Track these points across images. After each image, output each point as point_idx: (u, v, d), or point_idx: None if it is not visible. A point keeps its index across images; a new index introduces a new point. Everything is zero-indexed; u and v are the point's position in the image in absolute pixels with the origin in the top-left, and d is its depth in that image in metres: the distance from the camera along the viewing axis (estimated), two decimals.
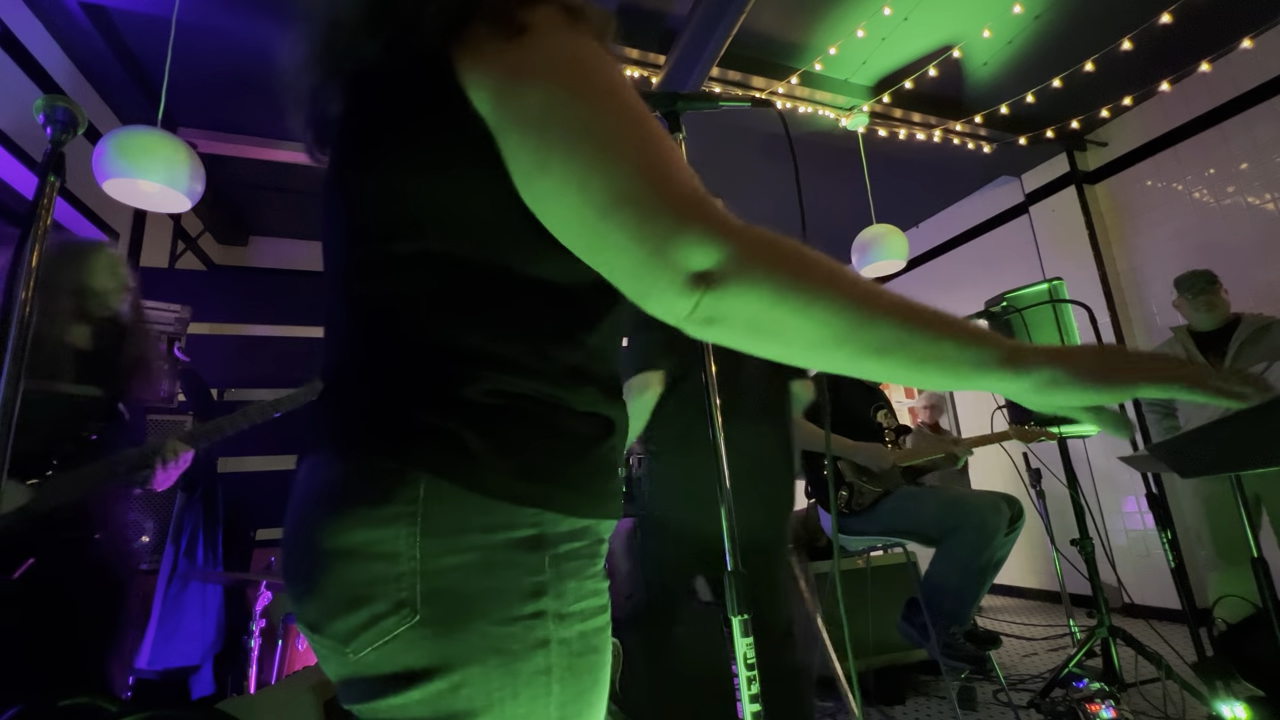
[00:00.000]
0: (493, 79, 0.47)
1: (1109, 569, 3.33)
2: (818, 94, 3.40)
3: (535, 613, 0.46)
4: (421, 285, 0.49)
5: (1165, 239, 3.71)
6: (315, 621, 0.46)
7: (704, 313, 0.45)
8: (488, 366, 0.48)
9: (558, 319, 0.52)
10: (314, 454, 0.51)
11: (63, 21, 2.64)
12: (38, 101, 0.88)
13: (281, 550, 0.50)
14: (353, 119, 0.54)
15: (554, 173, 0.46)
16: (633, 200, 0.44)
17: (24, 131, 2.52)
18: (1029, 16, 2.96)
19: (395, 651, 0.44)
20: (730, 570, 0.78)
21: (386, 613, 0.44)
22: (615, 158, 0.45)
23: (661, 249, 0.44)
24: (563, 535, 0.49)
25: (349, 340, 0.53)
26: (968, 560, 2.04)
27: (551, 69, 0.47)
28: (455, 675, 0.44)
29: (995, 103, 3.58)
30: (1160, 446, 1.43)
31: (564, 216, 0.47)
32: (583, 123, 0.45)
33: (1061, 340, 2.62)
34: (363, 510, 0.45)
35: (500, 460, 0.47)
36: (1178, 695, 2.15)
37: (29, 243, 0.84)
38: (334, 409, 0.52)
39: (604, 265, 0.48)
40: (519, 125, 0.46)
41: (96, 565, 1.43)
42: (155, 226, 3.60)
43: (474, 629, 0.44)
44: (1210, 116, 3.47)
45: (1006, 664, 2.91)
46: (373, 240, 0.51)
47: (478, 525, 0.45)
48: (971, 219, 4.88)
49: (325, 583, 0.45)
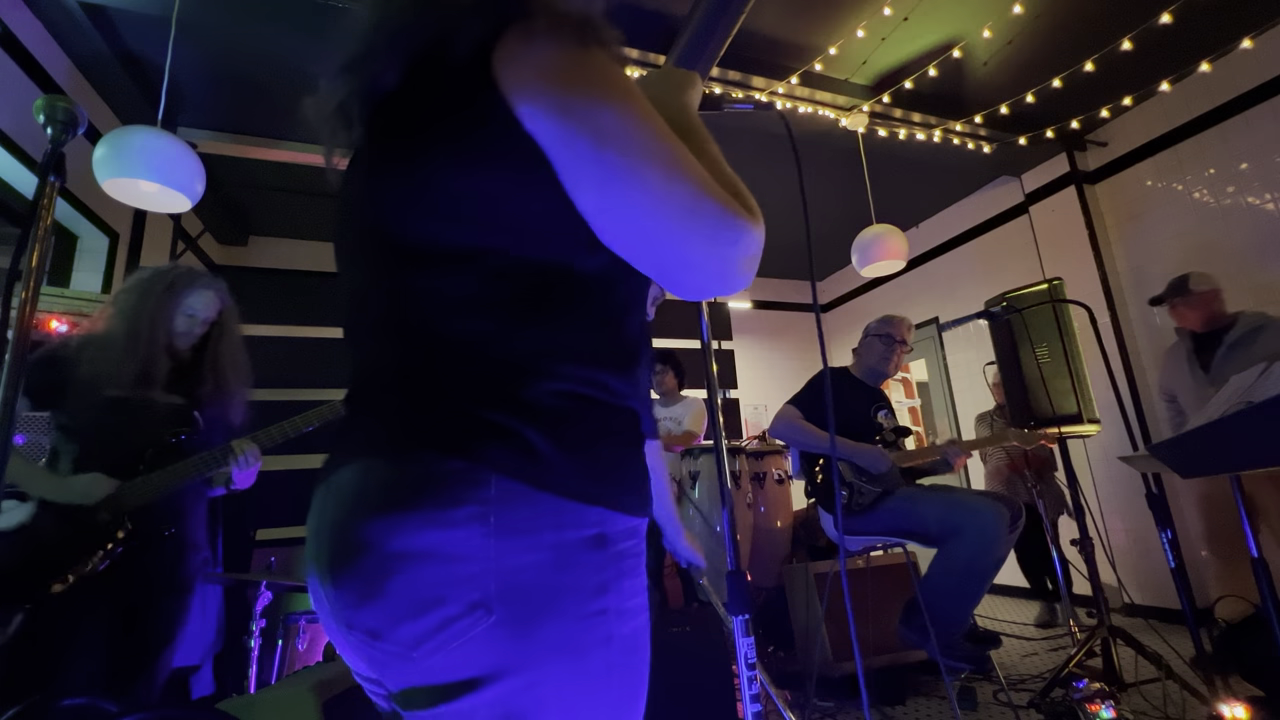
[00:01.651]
0: (545, 94, 0.48)
1: (1109, 569, 3.33)
2: (818, 94, 3.40)
3: (601, 610, 0.47)
4: (471, 284, 0.50)
5: (1165, 239, 3.71)
6: (378, 627, 0.45)
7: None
8: (545, 366, 0.50)
9: (603, 315, 0.54)
10: (361, 456, 0.50)
11: (63, 21, 2.64)
12: (38, 101, 0.88)
13: (320, 556, 0.48)
14: (397, 122, 0.54)
15: (627, 194, 0.48)
16: (701, 214, 0.48)
17: (24, 131, 2.52)
18: (1029, 16, 2.96)
19: (469, 653, 0.43)
20: (731, 571, 0.78)
21: (459, 614, 0.43)
22: (681, 177, 0.49)
23: (724, 247, 0.50)
24: (621, 533, 0.50)
25: (393, 342, 0.53)
26: (968, 561, 2.04)
27: (605, 88, 0.49)
28: (528, 674, 0.44)
29: (995, 103, 3.58)
30: (1160, 446, 1.43)
31: (627, 226, 0.50)
32: (651, 147, 0.48)
33: (1062, 340, 2.62)
34: (431, 511, 0.44)
35: (567, 461, 0.48)
36: (1178, 695, 2.15)
37: (29, 243, 0.84)
38: (384, 411, 0.51)
39: (659, 265, 0.51)
40: (580, 141, 0.48)
41: (163, 561, 1.52)
42: (155, 226, 3.60)
43: (550, 626, 0.44)
44: (1210, 116, 3.47)
45: (1006, 664, 2.91)
46: (418, 240, 0.51)
47: (549, 524, 0.46)
48: (971, 219, 4.87)
49: (390, 587, 0.44)
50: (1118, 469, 3.77)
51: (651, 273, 0.53)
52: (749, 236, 0.50)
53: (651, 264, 0.52)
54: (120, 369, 1.49)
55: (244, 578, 2.12)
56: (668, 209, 0.48)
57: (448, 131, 0.50)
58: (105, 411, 1.49)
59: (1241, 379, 1.30)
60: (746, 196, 0.53)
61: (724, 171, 0.55)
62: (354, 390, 0.55)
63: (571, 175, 0.49)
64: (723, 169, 0.56)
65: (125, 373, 1.50)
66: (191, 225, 4.24)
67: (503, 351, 0.49)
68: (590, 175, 0.48)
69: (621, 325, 0.56)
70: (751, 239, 0.51)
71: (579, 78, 0.49)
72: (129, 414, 1.51)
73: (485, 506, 0.45)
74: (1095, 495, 3.85)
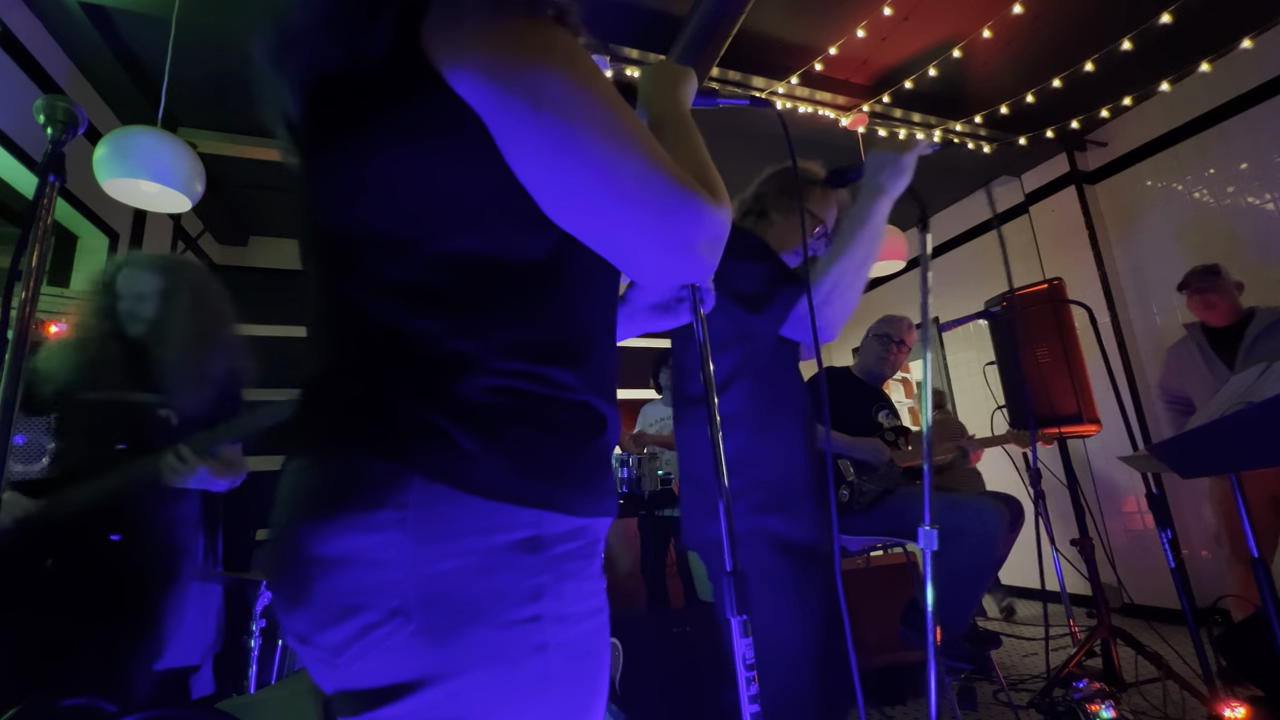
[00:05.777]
0: (476, 56, 0.46)
1: (1109, 569, 3.33)
2: (818, 94, 3.40)
3: (534, 616, 0.45)
4: (406, 276, 0.48)
5: (1165, 239, 3.71)
6: (305, 633, 0.44)
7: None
8: (479, 360, 0.47)
9: (543, 304, 0.51)
10: (301, 456, 0.49)
11: (63, 21, 2.64)
12: (38, 101, 0.88)
13: (267, 559, 0.48)
14: (325, 111, 0.51)
15: (569, 160, 0.46)
16: (651, 185, 0.47)
17: (24, 131, 2.52)
18: (1029, 16, 2.96)
19: (389, 661, 0.42)
20: (730, 570, 0.77)
21: (379, 621, 0.42)
22: (630, 146, 0.47)
23: (677, 225, 0.48)
24: (561, 535, 0.47)
25: (334, 337, 0.51)
26: (968, 562, 2.04)
27: (545, 52, 0.47)
28: (452, 683, 0.42)
29: (995, 103, 3.58)
30: (1160, 446, 1.43)
31: (571, 197, 0.48)
32: (595, 113, 0.46)
33: (1062, 340, 2.62)
34: (353, 515, 0.43)
35: (496, 459, 0.45)
36: (1178, 695, 2.15)
37: (29, 243, 0.84)
38: (322, 409, 0.50)
39: (609, 242, 0.49)
40: (515, 104, 0.45)
41: (112, 566, 1.43)
42: (155, 226, 3.60)
43: (472, 634, 0.43)
44: (1210, 116, 3.47)
45: (1006, 664, 2.91)
46: (350, 232, 0.50)
47: (475, 527, 0.44)
48: (971, 219, 4.87)
49: (314, 592, 0.43)
50: (1118, 469, 3.77)
51: (603, 251, 0.51)
52: (707, 216, 0.49)
53: (601, 241, 0.50)
54: (72, 372, 1.44)
55: (244, 577, 2.12)
56: (614, 179, 0.46)
57: (377, 115, 0.48)
58: (66, 417, 1.45)
59: (1242, 379, 1.30)
60: (713, 180, 0.52)
61: (696, 157, 0.54)
62: (304, 387, 0.53)
63: (509, 143, 0.47)
64: (696, 154, 0.54)
65: (76, 374, 1.44)
66: (191, 225, 4.25)
67: (436, 346, 0.47)
68: (529, 141, 0.46)
69: (571, 316, 0.53)
70: (710, 219, 0.49)
71: (513, 40, 0.46)
72: (85, 417, 1.45)
73: (404, 510, 0.43)
74: (1095, 495, 3.85)
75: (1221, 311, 2.65)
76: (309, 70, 0.51)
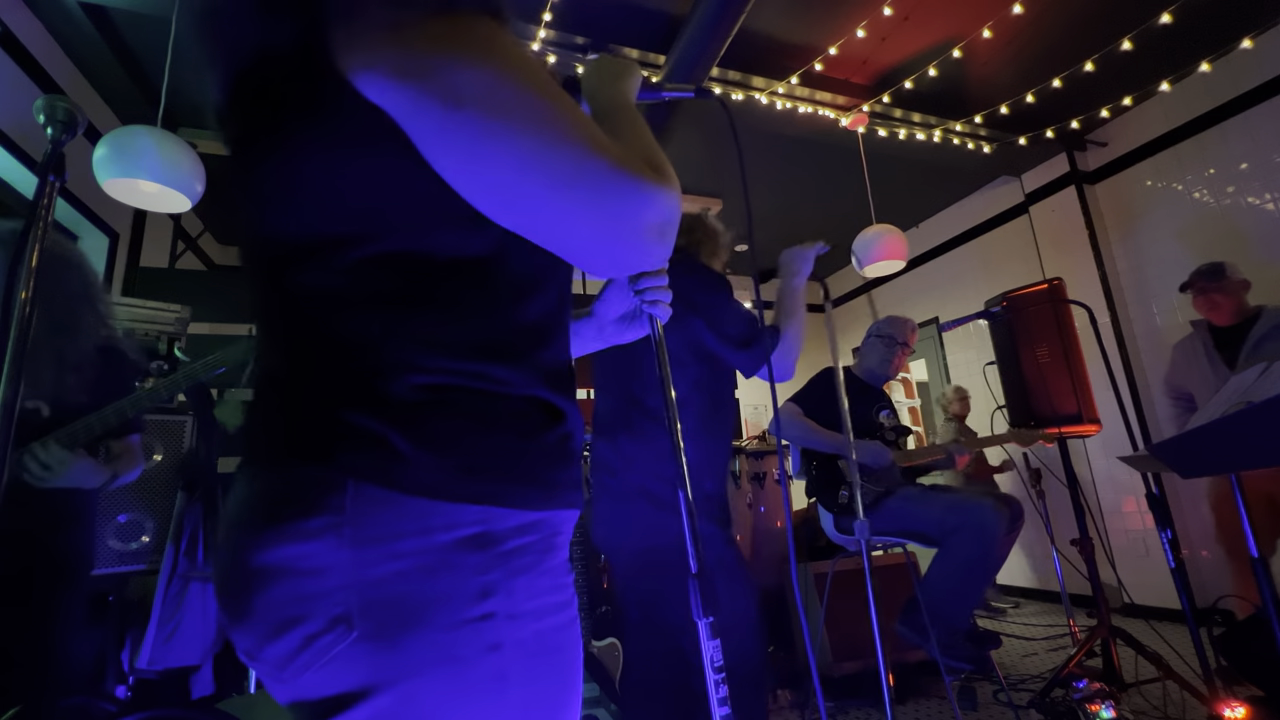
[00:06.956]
0: (380, 57, 0.42)
1: (1109, 569, 3.34)
2: (818, 94, 3.40)
3: (484, 615, 0.43)
4: (335, 279, 0.46)
5: (1165, 239, 3.71)
6: (250, 648, 0.43)
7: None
8: (411, 359, 0.45)
9: (480, 300, 0.49)
10: (245, 465, 0.48)
11: (63, 21, 2.64)
12: (38, 101, 0.88)
13: (215, 573, 0.47)
14: (246, 111, 0.49)
15: (498, 159, 0.43)
16: (590, 173, 0.45)
17: (24, 131, 2.52)
18: (1029, 16, 2.96)
19: (335, 672, 0.41)
20: (695, 573, 0.75)
21: (321, 631, 0.41)
22: (564, 135, 0.44)
23: (619, 208, 0.46)
24: (511, 531, 0.46)
25: (271, 344, 0.50)
26: (968, 561, 2.05)
27: (460, 45, 0.44)
28: (402, 688, 0.41)
29: (995, 103, 3.58)
30: (1160, 446, 1.43)
31: (503, 195, 0.45)
32: (523, 104, 0.44)
33: (1062, 340, 2.62)
34: (289, 524, 0.42)
35: (434, 458, 0.44)
36: (1178, 695, 2.15)
37: (29, 243, 0.84)
38: (262, 416, 0.49)
39: (552, 236, 0.48)
40: (428, 104, 0.42)
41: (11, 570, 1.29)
42: (155, 226, 3.60)
43: (420, 638, 0.42)
44: (1210, 116, 3.47)
45: (1006, 664, 2.91)
46: (275, 236, 0.48)
47: (413, 528, 0.42)
48: (971, 219, 4.88)
49: (254, 605, 0.42)
50: (1118, 469, 3.77)
51: (550, 246, 0.49)
52: (653, 198, 0.47)
53: (545, 236, 0.47)
54: None
55: None
56: (548, 171, 0.44)
57: (292, 121, 0.46)
58: None
59: (1241, 379, 1.30)
60: (658, 161, 0.50)
61: (641, 142, 0.52)
62: (253, 393, 0.52)
63: (430, 146, 0.44)
64: (640, 140, 0.53)
65: None
66: (191, 225, 4.25)
67: (367, 348, 0.45)
68: (450, 143, 0.43)
69: (512, 312, 0.51)
70: (657, 201, 0.47)
71: (422, 35, 0.43)
72: None
73: (340, 515, 0.42)
74: (1095, 495, 3.85)
75: (1226, 311, 2.64)
76: (230, 63, 0.49)
